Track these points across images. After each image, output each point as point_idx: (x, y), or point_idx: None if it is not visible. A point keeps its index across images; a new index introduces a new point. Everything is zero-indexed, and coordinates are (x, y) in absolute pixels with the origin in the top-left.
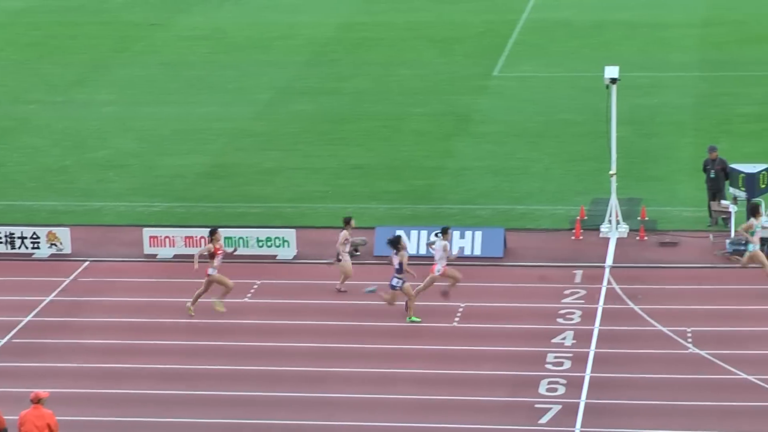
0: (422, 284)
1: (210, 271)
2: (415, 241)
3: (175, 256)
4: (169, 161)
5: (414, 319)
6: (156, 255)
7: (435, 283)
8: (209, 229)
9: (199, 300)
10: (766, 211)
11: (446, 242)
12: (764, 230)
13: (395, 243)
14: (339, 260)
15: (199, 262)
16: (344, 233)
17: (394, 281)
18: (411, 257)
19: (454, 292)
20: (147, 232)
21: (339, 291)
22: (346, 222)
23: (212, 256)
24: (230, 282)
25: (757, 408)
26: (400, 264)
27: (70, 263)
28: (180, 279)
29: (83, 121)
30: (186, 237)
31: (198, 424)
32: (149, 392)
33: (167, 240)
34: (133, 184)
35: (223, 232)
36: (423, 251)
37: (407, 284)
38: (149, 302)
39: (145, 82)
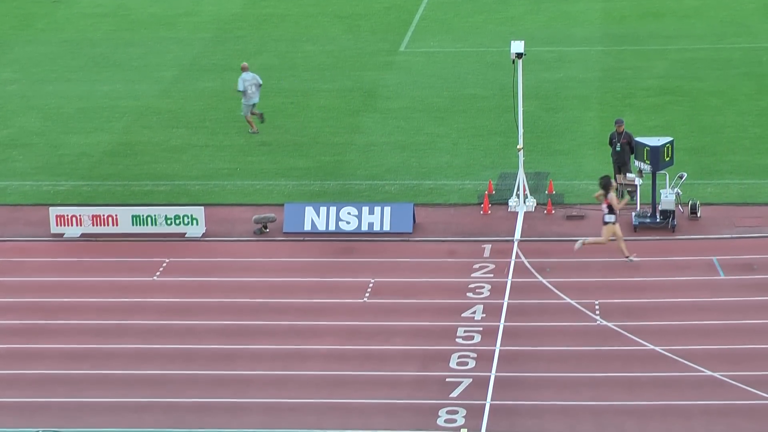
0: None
1: None
2: (324, 218)
3: (82, 235)
4: (74, 140)
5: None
6: (63, 234)
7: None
8: None
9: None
10: (672, 183)
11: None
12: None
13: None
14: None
15: None
16: None
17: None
18: (320, 233)
19: (365, 267)
20: (53, 211)
21: None
22: None
23: None
24: None
25: (663, 378)
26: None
27: None
28: (87, 258)
29: None
30: (93, 216)
31: (108, 403)
32: (58, 372)
33: (74, 219)
34: (38, 162)
35: (129, 210)
36: (333, 227)
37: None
38: (56, 282)
39: (48, 60)
